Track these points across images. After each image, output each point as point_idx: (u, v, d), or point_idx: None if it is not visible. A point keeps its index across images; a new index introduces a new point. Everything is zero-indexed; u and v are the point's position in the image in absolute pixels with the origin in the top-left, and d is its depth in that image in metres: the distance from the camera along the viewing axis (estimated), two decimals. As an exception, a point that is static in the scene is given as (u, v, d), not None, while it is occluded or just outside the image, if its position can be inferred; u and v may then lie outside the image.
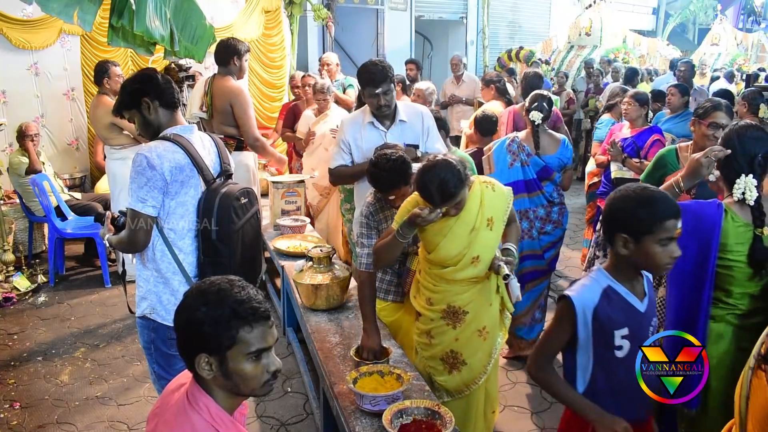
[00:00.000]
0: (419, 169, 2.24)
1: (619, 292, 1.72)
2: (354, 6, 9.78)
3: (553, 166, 3.53)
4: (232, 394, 1.35)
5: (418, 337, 2.59)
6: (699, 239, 2.01)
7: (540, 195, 3.53)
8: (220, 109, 4.05)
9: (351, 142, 3.10)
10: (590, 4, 11.64)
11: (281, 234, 4.05)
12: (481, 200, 2.37)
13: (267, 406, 3.23)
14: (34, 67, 5.74)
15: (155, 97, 2.23)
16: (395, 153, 2.54)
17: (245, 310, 1.28)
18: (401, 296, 2.83)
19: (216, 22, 6.40)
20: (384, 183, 2.54)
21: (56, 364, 3.70)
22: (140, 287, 2.31)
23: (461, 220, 2.33)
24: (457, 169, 2.18)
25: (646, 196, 1.67)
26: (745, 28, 19.94)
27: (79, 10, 2.20)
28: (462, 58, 7.41)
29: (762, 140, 2.08)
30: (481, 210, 2.36)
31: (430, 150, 3.06)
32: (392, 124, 3.08)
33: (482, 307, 2.46)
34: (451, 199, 2.19)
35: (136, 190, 2.14)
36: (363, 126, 3.09)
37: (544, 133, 3.58)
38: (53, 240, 4.90)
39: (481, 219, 2.35)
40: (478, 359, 2.50)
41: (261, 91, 7.33)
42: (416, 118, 3.12)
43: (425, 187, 2.18)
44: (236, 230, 2.27)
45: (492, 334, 2.50)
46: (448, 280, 2.41)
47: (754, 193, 2.01)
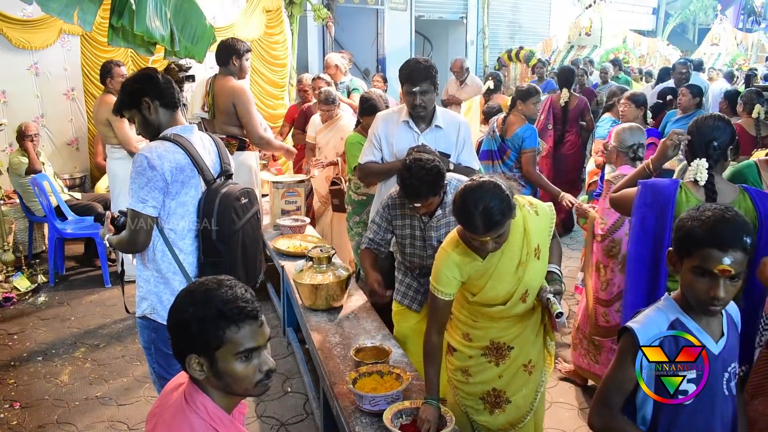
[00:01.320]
0: (461, 189, 1.95)
1: (689, 328, 1.53)
2: (354, 6, 9.78)
3: (508, 146, 4.37)
4: (227, 393, 1.35)
5: (452, 374, 2.33)
6: (656, 212, 2.24)
7: (498, 164, 4.43)
8: (223, 108, 4.05)
9: (383, 138, 3.01)
10: (590, 4, 11.67)
11: (281, 234, 4.05)
12: (524, 228, 2.07)
13: (267, 406, 3.23)
14: (34, 67, 5.73)
15: (155, 97, 2.23)
16: (431, 161, 2.38)
17: (231, 310, 1.27)
18: (418, 305, 2.72)
19: (217, 22, 6.41)
20: (413, 191, 2.40)
21: (56, 364, 3.70)
22: (140, 287, 2.31)
23: (506, 256, 2.05)
24: (506, 195, 1.89)
25: (709, 215, 1.47)
26: (745, 28, 19.97)
27: (79, 10, 2.19)
28: (464, 63, 7.22)
29: (718, 129, 2.25)
30: (526, 240, 2.07)
31: (464, 163, 2.99)
32: (428, 128, 2.97)
33: (528, 339, 2.20)
34: (495, 228, 1.87)
35: (136, 190, 2.14)
36: (397, 124, 2.99)
37: (513, 117, 4.36)
38: (53, 240, 4.90)
39: (528, 250, 2.07)
40: (524, 396, 2.24)
41: (264, 90, 7.32)
42: (453, 127, 3.00)
43: (466, 212, 1.88)
44: (236, 230, 2.27)
45: (538, 366, 2.25)
46: (492, 317, 2.16)
47: (704, 175, 2.18)
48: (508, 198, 1.89)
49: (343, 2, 9.42)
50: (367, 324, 2.85)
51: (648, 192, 2.26)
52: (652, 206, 2.26)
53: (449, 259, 2.07)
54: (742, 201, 2.22)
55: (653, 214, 2.25)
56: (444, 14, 11.73)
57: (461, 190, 1.95)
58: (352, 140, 3.77)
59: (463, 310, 2.24)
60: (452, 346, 2.29)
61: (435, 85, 2.87)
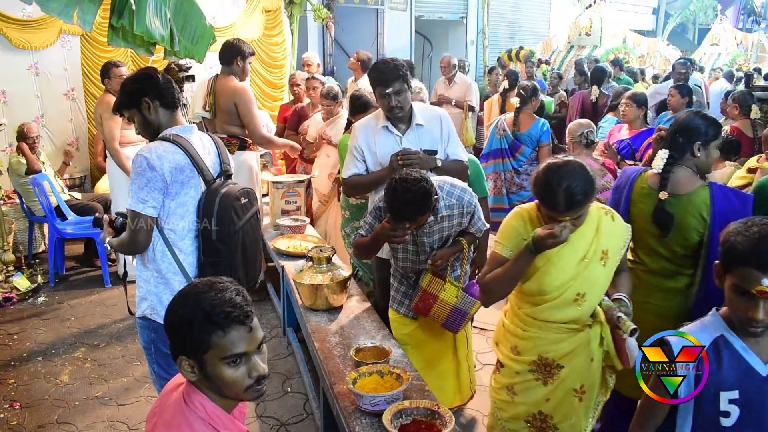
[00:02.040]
0: (545, 167, 1.90)
1: (735, 347, 1.46)
2: (354, 6, 9.77)
3: (523, 141, 4.67)
4: (220, 396, 1.34)
5: (496, 394, 2.23)
6: (618, 195, 2.52)
7: (509, 161, 4.73)
8: (224, 108, 4.06)
9: (364, 148, 2.89)
10: (590, 4, 11.65)
11: (281, 234, 4.05)
12: (597, 227, 2.01)
13: (267, 406, 3.23)
14: (34, 67, 5.73)
15: (155, 97, 2.23)
16: (417, 182, 2.23)
17: (218, 314, 1.26)
18: (414, 313, 2.69)
19: (217, 22, 6.41)
20: (400, 215, 2.26)
21: (56, 364, 3.70)
22: (141, 288, 2.32)
23: (571, 246, 1.95)
24: (591, 176, 1.85)
25: (755, 230, 1.40)
26: (745, 28, 19.95)
27: (79, 10, 2.19)
28: (452, 60, 7.09)
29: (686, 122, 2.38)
30: (596, 238, 1.99)
31: (452, 156, 2.91)
32: (408, 128, 2.85)
33: (581, 361, 2.05)
34: (577, 208, 1.85)
35: (136, 191, 2.14)
36: (376, 131, 2.87)
37: (524, 114, 4.72)
38: (53, 240, 4.90)
39: (595, 249, 1.99)
40: (571, 425, 2.09)
41: (263, 91, 7.34)
42: (434, 122, 2.90)
43: (549, 189, 1.84)
44: (236, 230, 2.27)
45: (590, 393, 2.09)
46: (541, 322, 2.05)
47: (660, 164, 2.35)
48: (592, 180, 1.85)
49: (343, 2, 9.41)
50: (367, 324, 2.85)
51: (622, 175, 2.59)
52: (617, 188, 2.54)
53: (521, 216, 2.05)
54: (700, 193, 2.29)
55: (618, 196, 2.52)
56: (444, 14, 11.72)
57: (545, 167, 1.90)
58: (345, 142, 3.52)
59: (514, 317, 2.17)
60: (500, 361, 2.22)
61: (408, 83, 2.76)
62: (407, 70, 2.77)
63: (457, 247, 2.60)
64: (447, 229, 2.56)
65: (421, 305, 2.58)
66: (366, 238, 2.54)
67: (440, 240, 2.59)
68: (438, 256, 2.54)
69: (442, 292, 2.55)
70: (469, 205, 2.54)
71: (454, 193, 2.51)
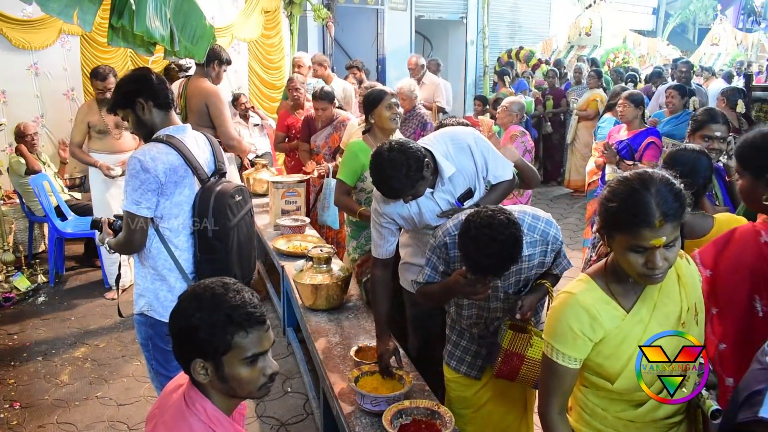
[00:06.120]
0: (614, 182, 1.47)
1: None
2: (354, 6, 9.77)
3: None
4: (229, 396, 1.35)
5: None
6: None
7: None
8: (195, 109, 4.08)
9: (394, 216, 2.33)
10: (590, 4, 11.66)
11: (281, 234, 4.05)
12: (678, 273, 1.55)
13: (267, 406, 3.23)
14: (34, 67, 5.73)
15: (149, 97, 2.24)
16: (505, 228, 1.77)
17: (240, 316, 1.27)
18: (478, 371, 2.22)
19: (216, 22, 6.40)
20: (482, 268, 1.82)
21: (56, 364, 3.70)
22: (138, 285, 2.34)
23: (662, 306, 1.51)
24: (678, 186, 1.42)
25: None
26: (745, 28, 19.96)
27: (79, 10, 2.19)
28: (419, 60, 6.80)
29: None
30: (683, 290, 1.54)
31: (496, 179, 2.40)
32: (440, 184, 2.28)
33: None
34: (673, 217, 1.38)
35: (130, 192, 2.17)
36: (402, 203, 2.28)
37: None
38: (53, 240, 4.90)
39: (688, 306, 1.53)
40: None
41: (261, 92, 7.34)
42: (463, 156, 2.32)
43: (632, 200, 1.39)
44: (232, 227, 2.29)
45: None
46: (640, 424, 1.54)
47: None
48: (681, 190, 1.42)
49: (343, 2, 9.40)
50: (367, 324, 2.85)
51: None
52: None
53: (575, 304, 1.49)
54: None
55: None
56: (444, 14, 11.71)
57: (614, 182, 1.46)
58: (354, 147, 3.08)
59: (592, 421, 1.61)
60: None
61: (422, 176, 2.11)
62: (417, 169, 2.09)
63: (542, 292, 2.12)
64: (526, 270, 2.08)
65: (506, 369, 2.04)
66: (434, 288, 2.08)
67: (517, 284, 2.11)
68: (527, 307, 2.04)
69: (529, 349, 1.99)
70: (554, 242, 2.08)
71: (537, 227, 2.06)
